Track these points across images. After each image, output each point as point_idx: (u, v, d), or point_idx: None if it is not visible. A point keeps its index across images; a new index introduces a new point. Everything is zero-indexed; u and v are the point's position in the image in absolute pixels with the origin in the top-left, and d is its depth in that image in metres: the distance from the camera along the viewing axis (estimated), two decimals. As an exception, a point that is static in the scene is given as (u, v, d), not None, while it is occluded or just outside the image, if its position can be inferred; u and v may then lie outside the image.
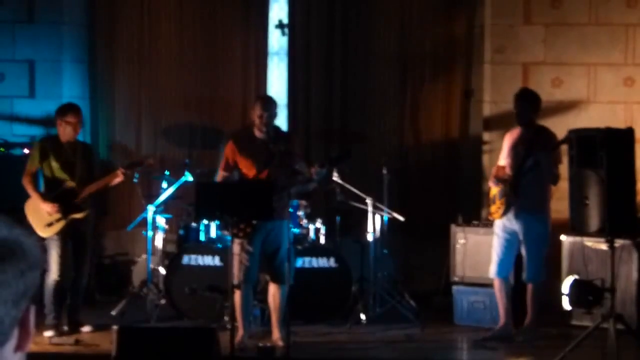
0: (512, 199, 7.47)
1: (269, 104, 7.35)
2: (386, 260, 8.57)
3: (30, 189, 7.59)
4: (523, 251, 7.58)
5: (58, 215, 7.52)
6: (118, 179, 7.63)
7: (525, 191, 7.46)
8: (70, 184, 7.60)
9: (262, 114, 7.21)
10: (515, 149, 7.58)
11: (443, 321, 8.19)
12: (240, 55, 9.43)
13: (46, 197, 7.56)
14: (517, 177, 7.48)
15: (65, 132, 7.62)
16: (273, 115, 7.32)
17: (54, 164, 7.63)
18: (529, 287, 7.60)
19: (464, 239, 8.24)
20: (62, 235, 7.53)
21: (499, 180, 7.62)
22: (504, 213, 7.54)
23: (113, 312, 8.15)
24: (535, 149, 7.43)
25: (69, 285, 7.69)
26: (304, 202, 8.29)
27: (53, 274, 7.48)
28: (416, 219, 8.85)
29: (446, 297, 8.40)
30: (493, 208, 7.70)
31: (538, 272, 7.56)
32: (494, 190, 7.68)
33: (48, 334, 7.43)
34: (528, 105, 7.56)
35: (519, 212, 7.50)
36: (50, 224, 7.47)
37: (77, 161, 7.66)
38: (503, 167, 7.69)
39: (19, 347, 1.41)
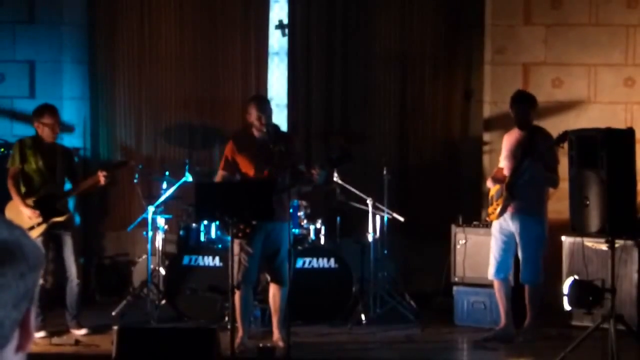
0: (508, 200, 7.48)
1: (264, 105, 7.37)
2: (386, 261, 8.56)
3: (13, 192, 7.58)
4: (519, 252, 7.58)
5: (39, 219, 7.52)
6: (100, 182, 7.60)
7: (522, 192, 7.46)
8: (51, 187, 7.59)
9: (260, 116, 7.21)
10: (512, 150, 7.58)
11: (443, 322, 8.19)
12: (240, 56, 9.43)
13: (27, 201, 7.55)
14: (514, 178, 7.47)
15: (43, 133, 7.63)
16: (270, 115, 7.33)
17: (35, 165, 7.62)
18: (526, 288, 7.60)
19: (464, 239, 8.24)
20: (44, 239, 7.51)
21: (496, 181, 7.64)
22: (501, 214, 7.55)
23: (113, 313, 8.14)
24: (532, 150, 7.43)
25: (65, 288, 7.70)
26: (304, 203, 8.29)
27: None
28: (416, 219, 8.84)
29: (446, 297, 8.40)
30: (490, 209, 7.70)
31: (535, 273, 7.55)
32: (492, 191, 7.69)
33: (39, 334, 7.39)
34: (528, 108, 7.57)
35: (515, 213, 7.50)
36: (31, 228, 7.44)
37: (58, 164, 7.66)
38: (502, 169, 7.69)
39: (19, 348, 1.41)
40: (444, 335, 7.96)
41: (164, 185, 8.46)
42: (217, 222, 8.12)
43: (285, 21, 9.45)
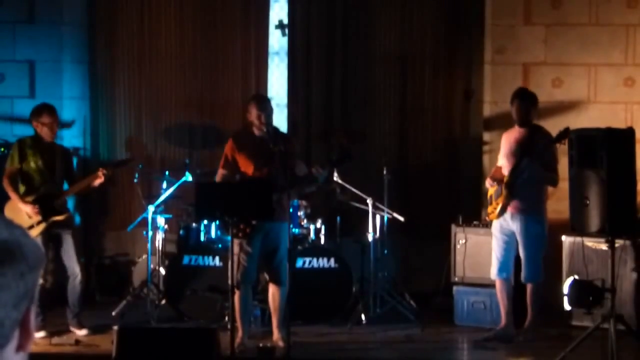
0: (507, 200, 7.48)
1: (265, 104, 7.37)
2: (386, 261, 8.56)
3: (10, 191, 7.58)
4: (521, 252, 7.58)
5: (38, 218, 7.51)
6: (99, 180, 7.60)
7: (521, 191, 7.46)
8: (50, 186, 7.60)
9: (260, 115, 7.22)
10: (511, 149, 7.58)
11: (443, 321, 8.19)
12: (240, 56, 9.43)
13: (26, 199, 7.55)
14: (513, 177, 7.47)
15: (42, 132, 7.64)
16: (270, 113, 7.34)
17: (34, 165, 7.62)
18: (528, 287, 7.61)
19: (464, 239, 8.24)
20: (43, 238, 7.50)
21: (495, 180, 7.64)
22: (500, 213, 7.55)
23: (113, 313, 8.14)
24: (531, 149, 7.43)
25: (67, 286, 7.71)
26: (304, 202, 8.29)
27: None
28: (416, 219, 8.84)
29: (446, 297, 8.40)
30: (490, 209, 7.71)
31: (536, 272, 7.55)
32: (491, 191, 7.69)
33: (39, 334, 7.39)
34: (529, 105, 7.58)
35: (515, 213, 7.50)
36: (30, 227, 7.43)
37: (57, 163, 7.67)
38: (501, 168, 7.69)
39: (20, 348, 1.41)
40: (444, 335, 7.96)
41: (164, 185, 8.46)
42: (217, 222, 8.12)
43: (285, 21, 9.44)
